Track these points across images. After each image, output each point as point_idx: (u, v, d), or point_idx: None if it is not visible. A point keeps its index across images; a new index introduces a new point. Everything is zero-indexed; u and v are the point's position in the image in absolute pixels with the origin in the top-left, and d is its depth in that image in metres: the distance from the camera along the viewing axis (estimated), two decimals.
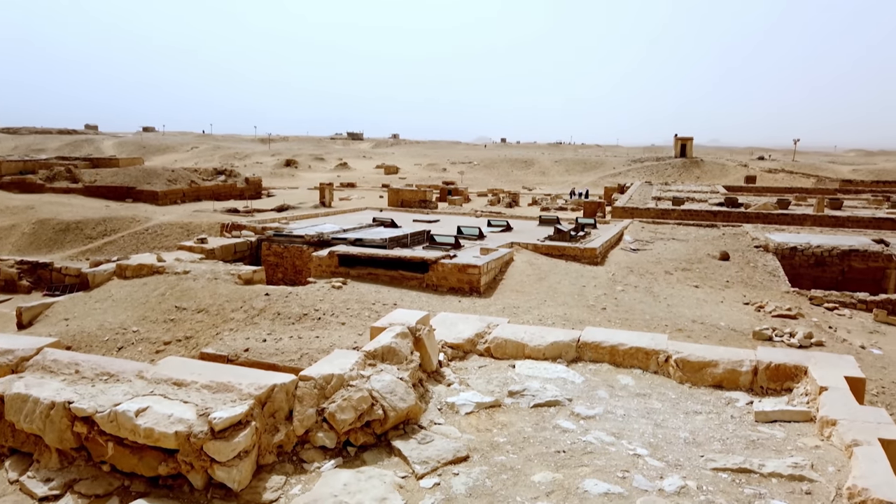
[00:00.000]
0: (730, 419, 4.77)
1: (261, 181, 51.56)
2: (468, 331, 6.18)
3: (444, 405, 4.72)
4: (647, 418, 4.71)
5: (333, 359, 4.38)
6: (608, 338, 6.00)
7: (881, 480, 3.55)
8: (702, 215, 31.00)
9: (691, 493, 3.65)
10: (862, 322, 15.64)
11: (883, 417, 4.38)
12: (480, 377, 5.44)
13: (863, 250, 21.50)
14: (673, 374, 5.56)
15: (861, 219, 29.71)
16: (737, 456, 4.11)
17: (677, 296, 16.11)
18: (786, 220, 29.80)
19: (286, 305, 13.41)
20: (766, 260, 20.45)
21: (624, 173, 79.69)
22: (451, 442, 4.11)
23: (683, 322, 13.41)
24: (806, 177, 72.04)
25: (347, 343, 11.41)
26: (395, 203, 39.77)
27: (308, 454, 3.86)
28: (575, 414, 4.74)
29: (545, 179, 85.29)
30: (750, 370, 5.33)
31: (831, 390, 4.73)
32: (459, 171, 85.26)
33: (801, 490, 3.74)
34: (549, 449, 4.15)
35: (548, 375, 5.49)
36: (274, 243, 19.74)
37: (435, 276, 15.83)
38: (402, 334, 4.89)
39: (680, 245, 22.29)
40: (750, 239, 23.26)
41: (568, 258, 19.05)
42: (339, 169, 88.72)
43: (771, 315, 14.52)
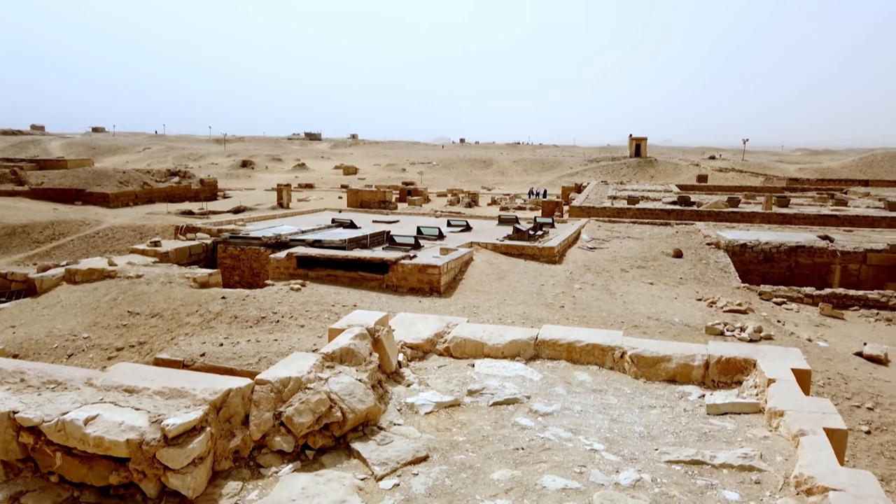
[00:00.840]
0: (683, 412, 4.89)
1: (216, 182, 50.60)
2: (427, 331, 6.19)
3: (403, 406, 4.72)
4: (604, 413, 4.80)
5: (291, 362, 4.33)
6: (565, 335, 6.08)
7: (826, 469, 3.68)
8: (656, 214, 31.67)
9: (646, 486, 3.74)
10: (808, 316, 16.20)
11: (827, 408, 4.55)
12: (440, 377, 5.45)
13: (809, 246, 22.28)
14: (628, 369, 5.67)
15: (807, 216, 30.78)
16: (690, 448, 4.21)
17: (633, 293, 16.42)
18: (736, 217, 30.67)
19: (243, 308, 13.20)
20: (717, 257, 21.01)
21: (581, 173, 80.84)
22: (411, 442, 4.11)
23: (639, 318, 13.68)
24: (755, 175, 74.31)
25: (307, 345, 11.30)
26: (355, 204, 39.51)
27: (265, 459, 3.81)
28: (533, 411, 4.79)
29: (504, 179, 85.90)
30: (702, 364, 5.47)
31: (779, 382, 4.89)
32: (419, 172, 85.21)
33: (751, 480, 3.85)
34: (508, 446, 4.18)
35: (507, 374, 5.54)
36: (230, 245, 19.41)
37: (395, 277, 15.79)
38: (361, 335, 4.87)
39: (635, 243, 22.73)
40: (702, 236, 23.87)
41: (527, 257, 19.24)
42: (297, 170, 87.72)
43: (723, 310, 14.93)
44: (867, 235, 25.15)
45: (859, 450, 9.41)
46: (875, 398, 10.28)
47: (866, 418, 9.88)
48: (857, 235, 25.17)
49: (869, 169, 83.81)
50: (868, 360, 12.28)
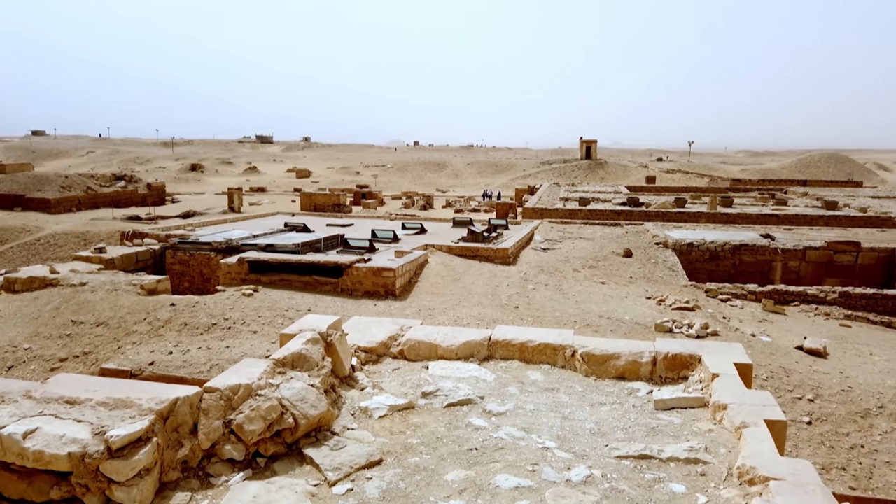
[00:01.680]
0: (632, 408, 5.00)
1: (164, 187, 49.35)
2: (381, 334, 6.17)
3: (357, 410, 4.70)
4: (556, 412, 4.87)
5: (241, 368, 4.27)
6: (518, 335, 6.15)
7: (767, 459, 3.82)
8: (606, 214, 32.29)
9: (597, 482, 3.81)
10: (752, 312, 16.76)
11: (768, 400, 4.73)
12: (394, 380, 5.45)
13: (752, 244, 23.06)
14: (579, 367, 5.77)
15: (750, 215, 31.86)
16: (638, 443, 4.32)
17: (585, 292, 16.70)
18: (683, 217, 31.52)
19: (194, 315, 12.91)
20: (665, 256, 21.56)
21: (533, 175, 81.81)
22: (365, 446, 4.10)
23: (591, 317, 13.92)
24: (700, 176, 76.51)
25: (260, 352, 11.12)
26: (308, 207, 39.08)
27: (215, 468, 3.74)
28: (487, 411, 4.83)
29: (458, 182, 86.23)
30: (650, 361, 5.62)
31: (722, 377, 5.06)
32: (373, 175, 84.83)
33: (697, 472, 3.97)
34: (462, 447, 4.21)
35: (460, 375, 5.57)
36: (179, 251, 18.95)
37: (350, 281, 15.68)
38: (313, 340, 4.83)
39: (587, 244, 23.13)
40: (651, 236, 24.45)
41: (481, 259, 19.37)
42: (249, 173, 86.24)
43: (671, 308, 15.32)
44: (806, 233, 26.19)
45: (801, 440, 9.79)
46: (815, 390, 10.71)
47: (807, 409, 10.29)
48: (797, 234, 26.19)
49: (807, 169, 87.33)
50: (808, 354, 12.78)
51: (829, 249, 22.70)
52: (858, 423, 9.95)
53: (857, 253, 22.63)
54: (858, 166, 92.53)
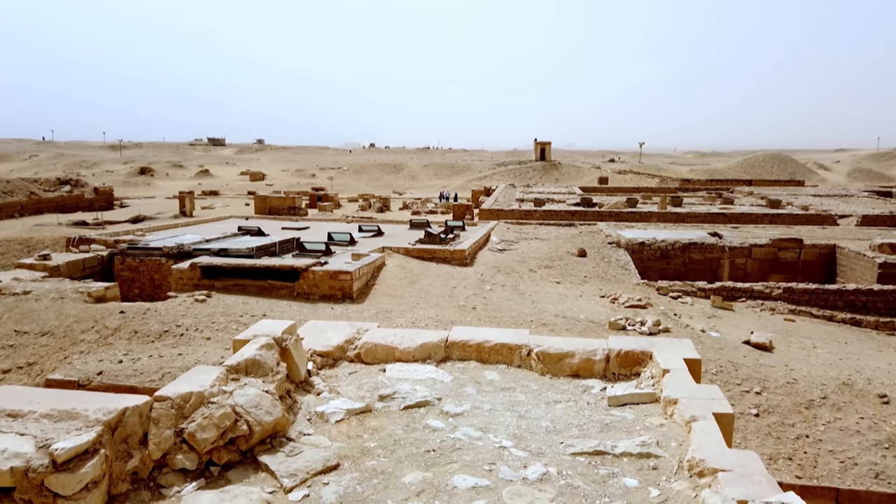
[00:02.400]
0: (586, 405, 5.09)
1: (112, 191, 47.89)
2: (338, 337, 6.13)
3: (313, 415, 4.66)
4: (512, 411, 4.93)
5: (192, 376, 4.18)
6: (475, 336, 6.19)
7: (715, 451, 3.94)
8: (561, 215, 32.74)
9: (552, 479, 3.87)
10: (702, 308, 17.24)
11: (716, 394, 4.87)
12: (351, 383, 5.42)
13: (700, 243, 23.71)
14: (535, 366, 5.85)
15: (698, 214, 32.75)
16: (593, 440, 4.40)
17: (541, 292, 16.91)
18: (635, 217, 32.20)
19: (144, 323, 12.59)
20: (618, 255, 21.98)
21: (489, 176, 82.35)
22: (321, 451, 4.07)
23: (547, 317, 14.10)
24: (651, 177, 78.29)
25: (214, 358, 10.91)
26: (263, 211, 38.50)
27: (167, 478, 3.66)
28: (444, 412, 4.85)
29: (415, 184, 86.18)
30: (603, 358, 5.73)
31: (673, 372, 5.19)
32: (329, 177, 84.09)
33: (649, 466, 4.07)
34: (420, 449, 4.22)
35: (418, 377, 5.57)
36: (129, 257, 18.43)
37: (306, 284, 15.52)
38: (268, 345, 4.77)
39: (542, 244, 23.40)
40: (604, 236, 24.91)
41: (439, 260, 19.41)
42: (201, 176, 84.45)
43: (624, 306, 15.63)
44: (752, 231, 27.06)
45: (750, 432, 10.11)
46: (762, 383, 11.07)
47: (755, 402, 10.63)
48: (743, 231, 27.04)
49: (752, 169, 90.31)
50: (755, 348, 13.22)
51: (773, 246, 23.50)
52: (803, 414, 10.34)
53: (799, 249, 23.50)
54: (800, 166, 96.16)
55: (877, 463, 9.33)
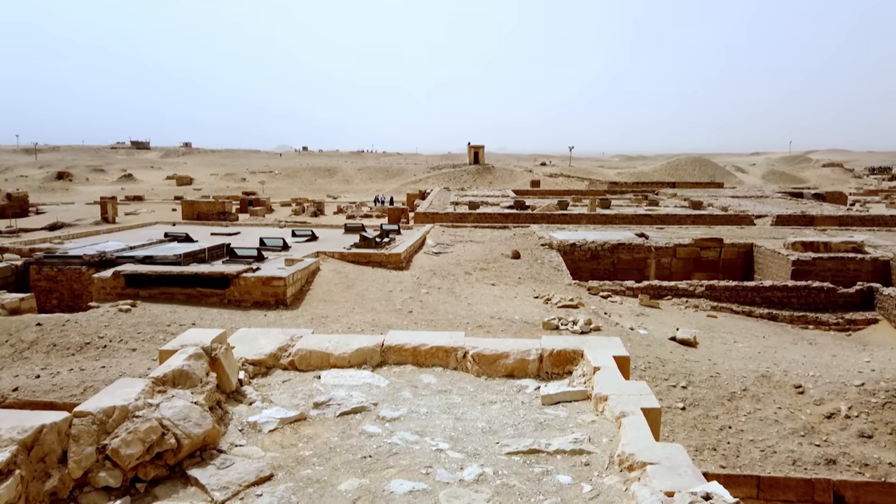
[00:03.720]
0: (521, 405, 5.17)
1: (27, 197, 45.37)
2: (270, 345, 6.00)
3: (245, 425, 4.55)
4: (449, 413, 4.95)
5: (115, 389, 4.01)
6: (411, 339, 6.19)
7: (644, 445, 4.07)
8: (495, 218, 33.15)
9: (489, 479, 3.91)
10: (631, 307, 17.80)
11: (644, 389, 5.04)
12: (284, 392, 5.32)
13: (628, 243, 24.50)
14: (471, 368, 5.89)
15: (626, 216, 33.82)
16: (527, 438, 4.47)
17: (477, 294, 17.06)
18: (566, 219, 32.95)
19: (64, 335, 11.97)
20: (551, 256, 22.44)
21: (424, 180, 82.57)
22: (254, 462, 3.97)
23: (483, 318, 14.24)
24: (581, 180, 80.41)
25: (139, 370, 10.49)
26: (191, 216, 37.32)
27: (88, 498, 3.49)
28: (381, 417, 4.82)
29: (349, 187, 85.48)
30: (537, 358, 5.83)
31: (603, 369, 5.34)
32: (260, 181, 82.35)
33: (581, 462, 4.17)
34: (356, 455, 4.18)
35: (353, 382, 5.52)
36: (45, 266, 17.48)
37: (237, 291, 15.13)
38: (196, 355, 4.62)
39: (477, 246, 23.63)
40: (537, 238, 25.38)
41: (374, 264, 19.30)
42: (124, 181, 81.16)
43: (557, 306, 15.97)
44: (676, 232, 28.16)
45: (677, 425, 10.51)
46: (688, 377, 11.53)
47: (681, 396, 11.06)
48: (668, 232, 28.10)
49: (675, 172, 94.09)
50: (681, 344, 13.75)
51: (696, 246, 24.53)
52: (726, 406, 10.83)
53: (720, 249, 24.61)
54: (719, 169, 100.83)
55: (794, 450, 9.87)
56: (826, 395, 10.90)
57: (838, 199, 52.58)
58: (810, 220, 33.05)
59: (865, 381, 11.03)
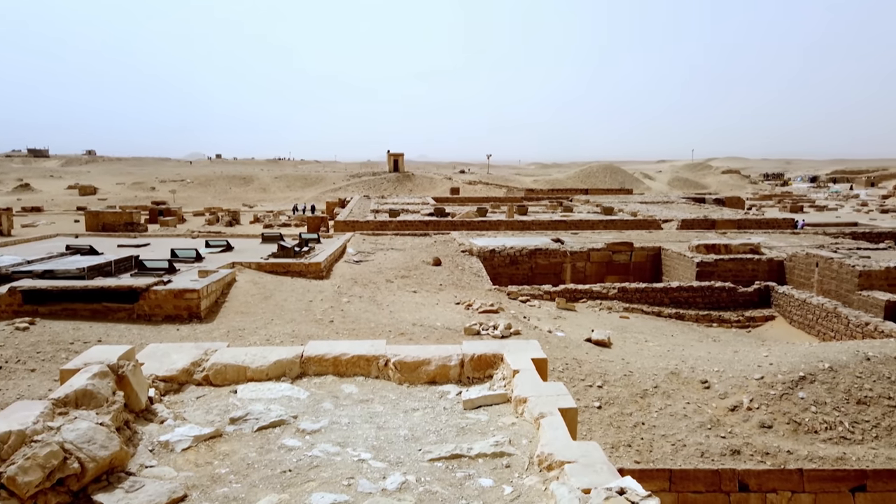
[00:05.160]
0: (443, 411, 5.21)
1: None
2: (183, 360, 5.77)
3: (156, 445, 4.35)
4: (371, 422, 4.92)
5: (11, 413, 3.74)
6: (331, 349, 6.11)
7: (561, 445, 4.19)
8: (416, 225, 33.25)
9: (411, 487, 3.91)
10: (548, 310, 18.27)
11: (561, 390, 5.18)
12: (199, 408, 5.13)
13: (545, 248, 25.16)
14: (393, 376, 5.88)
15: (542, 222, 34.73)
16: (449, 444, 4.50)
17: (399, 302, 17.04)
18: (485, 226, 33.47)
19: None
20: (471, 262, 22.72)
21: (344, 188, 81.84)
22: (166, 483, 3.81)
23: (405, 326, 14.23)
24: (499, 187, 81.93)
25: (39, 392, 9.84)
26: (95, 227, 35.41)
27: None
28: (301, 430, 4.73)
29: (266, 196, 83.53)
30: (458, 363, 5.89)
31: (522, 372, 5.45)
32: (171, 190, 79.16)
33: (503, 465, 4.24)
34: (275, 470, 4.08)
35: (272, 396, 5.39)
36: None
37: (147, 305, 14.47)
38: (101, 374, 4.38)
39: (398, 254, 23.61)
40: (457, 244, 25.64)
41: (293, 274, 18.93)
42: (20, 191, 76.01)
43: (478, 311, 16.18)
44: (589, 237, 29.16)
45: (594, 423, 10.85)
46: (603, 377, 11.94)
47: (597, 395, 11.44)
48: (582, 237, 29.06)
49: (588, 179, 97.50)
50: (596, 345, 14.23)
51: (608, 250, 25.48)
52: (639, 403, 11.28)
53: (630, 252, 25.67)
54: (629, 176, 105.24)
55: (702, 443, 10.40)
56: (729, 390, 11.55)
57: (737, 203, 56.09)
58: (712, 223, 35.02)
59: (764, 375, 11.77)
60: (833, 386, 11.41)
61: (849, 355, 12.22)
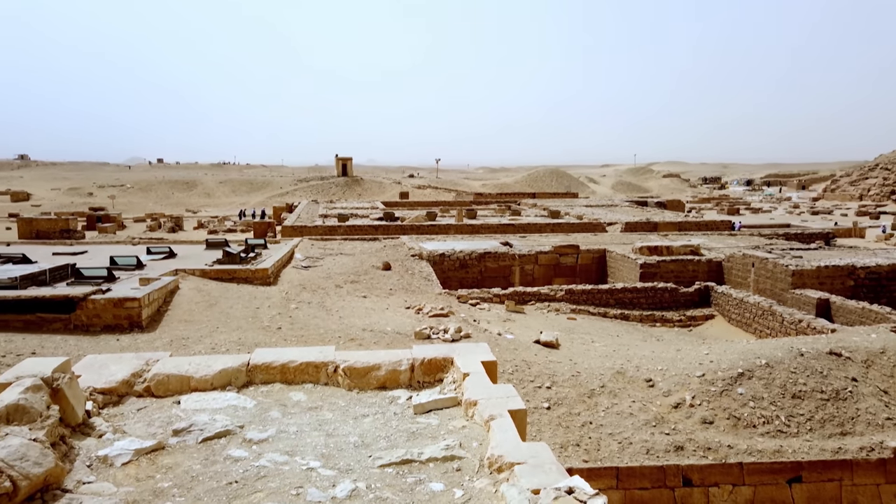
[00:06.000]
0: (393, 416, 5.18)
1: None
2: (123, 371, 5.58)
3: (94, 460, 4.18)
4: (320, 430, 4.85)
5: None
6: (278, 357, 6.00)
7: (511, 446, 4.22)
8: (365, 230, 33.06)
9: (361, 494, 3.88)
10: (498, 313, 18.42)
11: (511, 392, 5.23)
12: (140, 420, 4.96)
13: (494, 252, 25.38)
14: (342, 382, 5.82)
15: (491, 225, 35.04)
16: (400, 449, 4.48)
17: (348, 307, 16.89)
18: (435, 230, 33.55)
19: None
20: (421, 267, 22.72)
21: (291, 193, 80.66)
22: (104, 500, 3.66)
23: (355, 331, 14.12)
24: (448, 191, 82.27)
25: None
26: (28, 235, 33.91)
27: None
28: (247, 440, 4.63)
29: (211, 201, 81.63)
30: (408, 368, 5.87)
31: (472, 375, 5.48)
32: (110, 196, 76.52)
33: (453, 468, 4.24)
34: (221, 482, 3.99)
35: (217, 405, 5.26)
36: None
37: (85, 315, 13.94)
38: (35, 387, 4.19)
39: (348, 259, 23.42)
40: (407, 249, 25.60)
41: (240, 281, 18.55)
42: None
43: (428, 315, 16.18)
44: (537, 240, 29.57)
45: (544, 424, 10.99)
46: (552, 378, 12.10)
47: (546, 396, 11.59)
48: (530, 240, 29.44)
49: (535, 183, 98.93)
50: (545, 346, 14.42)
51: (555, 253, 25.88)
52: (587, 403, 11.48)
53: (577, 254, 26.15)
54: (574, 180, 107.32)
55: (647, 440, 10.65)
56: (673, 387, 11.88)
57: (677, 206, 57.86)
58: (654, 226, 36.00)
59: (705, 372, 12.15)
60: (770, 381, 11.87)
61: (784, 352, 12.73)
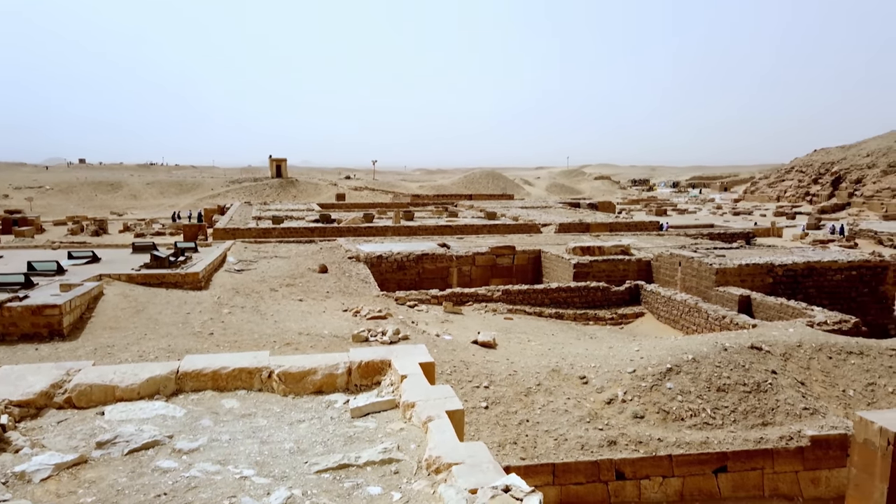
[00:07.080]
0: (330, 421, 5.11)
1: None
2: (41, 382, 5.29)
3: (10, 476, 3.95)
4: (253, 437, 4.74)
5: None
6: (210, 363, 5.83)
7: (449, 447, 4.24)
8: (301, 232, 32.52)
9: (297, 501, 3.81)
10: (436, 314, 18.47)
11: (448, 393, 5.25)
12: (60, 433, 4.72)
13: (432, 253, 25.44)
14: (277, 388, 5.70)
15: (429, 227, 35.12)
16: (337, 454, 4.43)
17: (284, 311, 16.57)
18: (372, 232, 33.34)
19: None
20: (358, 269, 22.54)
21: (223, 194, 78.57)
22: None
23: (291, 336, 13.86)
24: (385, 193, 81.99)
25: None
26: None
27: None
28: (177, 450, 4.48)
29: (138, 203, 78.63)
30: (345, 371, 5.81)
31: (410, 377, 5.47)
32: (27, 198, 72.61)
33: (391, 471, 4.22)
34: (149, 495, 3.84)
35: (144, 415, 5.07)
36: None
37: (0, 324, 13.15)
38: None
39: (283, 262, 22.99)
40: (344, 251, 25.35)
41: (169, 286, 17.92)
42: None
43: (366, 318, 16.06)
44: (474, 241, 29.82)
45: (482, 423, 11.09)
46: (489, 377, 12.23)
47: (484, 395, 11.70)
48: (467, 241, 29.66)
49: (471, 185, 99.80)
50: (482, 347, 14.55)
51: (492, 254, 26.17)
52: (523, 401, 11.66)
53: (513, 255, 26.52)
54: (510, 182, 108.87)
55: (582, 436, 10.91)
56: (605, 384, 12.20)
57: (608, 208, 59.55)
58: (587, 227, 36.92)
59: (636, 368, 12.54)
60: (696, 376, 12.36)
61: (709, 347, 13.28)
